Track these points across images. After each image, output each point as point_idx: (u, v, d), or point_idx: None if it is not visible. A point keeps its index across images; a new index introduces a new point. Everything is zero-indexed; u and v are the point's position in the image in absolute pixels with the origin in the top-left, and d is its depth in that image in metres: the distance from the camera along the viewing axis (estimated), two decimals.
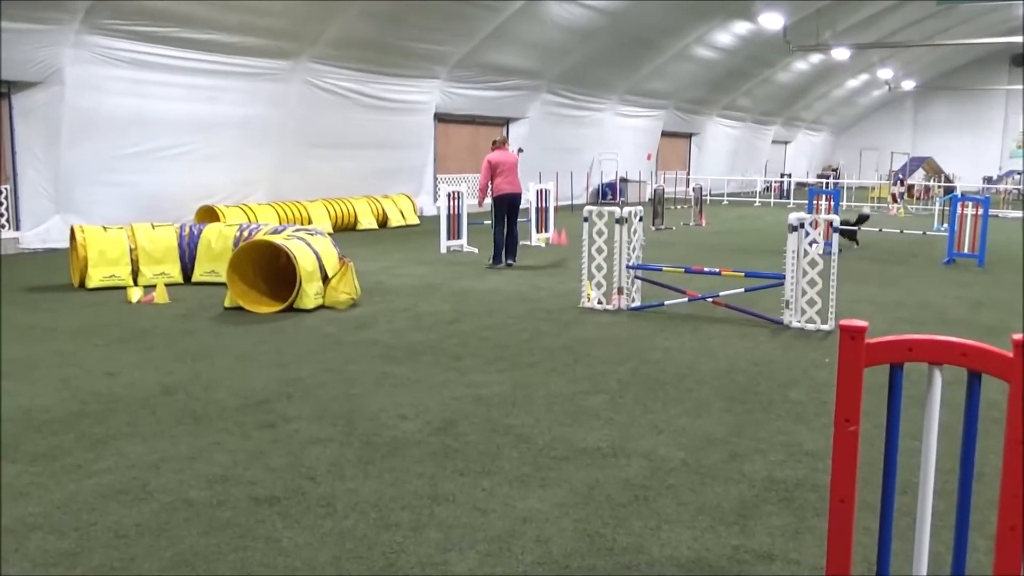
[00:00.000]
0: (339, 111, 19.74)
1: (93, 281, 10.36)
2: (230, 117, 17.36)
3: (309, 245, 9.24)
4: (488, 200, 13.02)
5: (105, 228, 10.83)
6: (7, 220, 14.85)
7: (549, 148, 26.34)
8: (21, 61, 14.00)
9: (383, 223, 19.76)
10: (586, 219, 9.39)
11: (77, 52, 14.58)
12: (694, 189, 22.55)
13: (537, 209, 15.78)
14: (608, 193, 29.39)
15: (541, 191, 15.98)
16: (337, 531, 3.81)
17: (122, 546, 3.65)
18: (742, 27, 27.24)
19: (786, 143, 45.70)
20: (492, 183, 12.59)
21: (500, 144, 12.99)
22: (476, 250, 14.44)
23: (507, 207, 12.66)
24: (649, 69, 28.07)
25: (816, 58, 34.17)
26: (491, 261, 12.85)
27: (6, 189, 14.76)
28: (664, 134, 33.85)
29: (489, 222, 13.66)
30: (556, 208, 16.61)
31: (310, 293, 8.88)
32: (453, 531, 3.81)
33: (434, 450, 4.83)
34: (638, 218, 9.29)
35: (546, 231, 16.04)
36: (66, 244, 12.73)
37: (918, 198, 32.08)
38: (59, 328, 8.22)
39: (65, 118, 14.75)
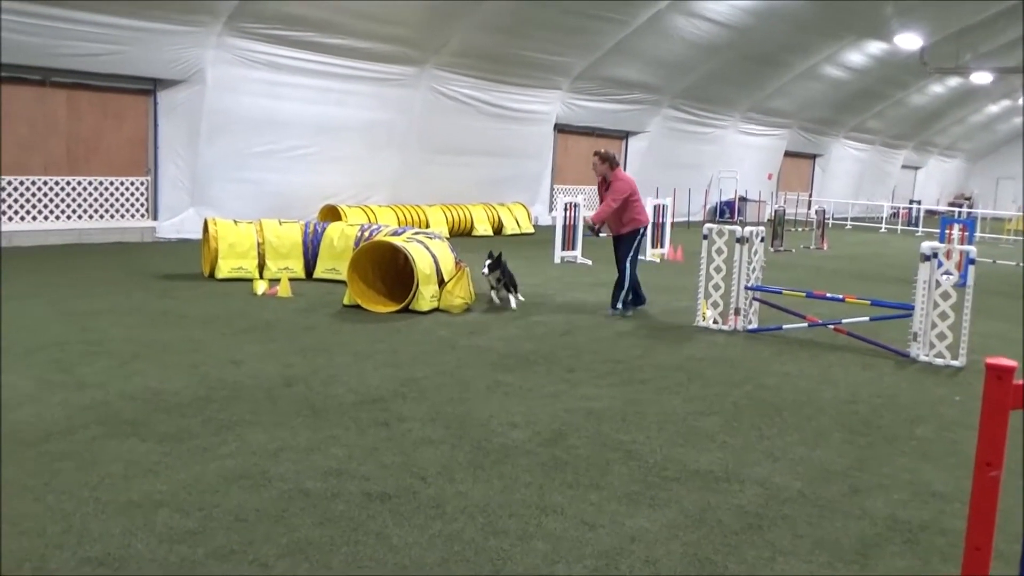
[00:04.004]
0: (461, 118, 20.05)
1: (222, 272, 10.82)
2: (357, 120, 17.87)
3: (427, 248, 9.40)
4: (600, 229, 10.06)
5: (236, 222, 11.31)
6: (147, 210, 15.68)
7: (668, 164, 26.10)
8: (167, 60, 14.78)
9: (498, 230, 19.95)
10: (705, 237, 9.24)
11: (219, 53, 15.30)
12: (816, 211, 21.90)
13: (653, 225, 15.63)
14: (726, 212, 28.87)
15: (659, 207, 15.83)
16: (446, 533, 3.84)
17: (242, 529, 3.78)
18: (876, 47, 26.34)
19: (916, 168, 43.90)
20: (627, 210, 9.71)
21: (617, 163, 10.04)
22: (590, 262, 14.40)
23: (641, 240, 10.10)
24: (774, 87, 27.47)
25: (954, 81, 32.71)
26: (621, 306, 9.83)
27: (148, 181, 15.60)
28: (787, 154, 33.04)
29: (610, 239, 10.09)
30: (672, 224, 16.41)
31: (426, 296, 9.03)
32: (560, 543, 3.79)
33: (543, 460, 4.82)
34: (759, 238, 9.07)
35: (661, 247, 15.86)
36: (199, 235, 13.35)
37: None
38: (190, 315, 8.61)
39: (204, 116, 15.49)
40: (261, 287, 10.10)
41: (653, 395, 6.32)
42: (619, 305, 9.80)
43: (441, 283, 9.29)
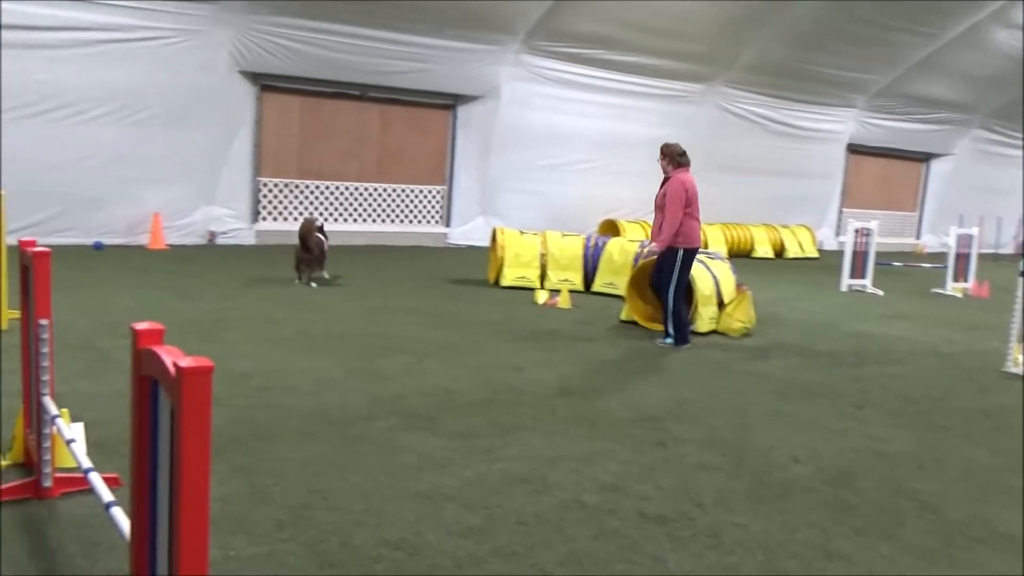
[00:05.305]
0: (747, 136, 19.59)
1: (507, 280, 11.33)
2: (640, 136, 17.96)
3: (708, 269, 9.25)
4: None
5: (521, 233, 11.78)
6: (441, 217, 16.78)
7: (975, 189, 23.84)
8: (468, 77, 15.76)
9: (779, 253, 19.21)
10: (1023, 273, 8.30)
11: (514, 71, 16.07)
12: None
13: (957, 255, 14.32)
14: None
15: (963, 236, 14.48)
16: (723, 565, 3.73)
17: (523, 532, 3.91)
18: None
19: None
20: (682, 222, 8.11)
21: (686, 161, 8.38)
22: (881, 292, 13.46)
23: (692, 261, 8.35)
24: None
25: None
26: (672, 339, 8.32)
27: (443, 190, 16.70)
28: None
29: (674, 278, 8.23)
30: (979, 256, 14.92)
31: (704, 317, 8.88)
32: None
33: (828, 500, 4.55)
34: None
35: (965, 280, 14.49)
36: (486, 243, 14.07)
37: None
38: (476, 320, 9.08)
39: (497, 130, 16.34)
40: (542, 297, 10.44)
41: (954, 442, 5.77)
42: (667, 339, 8.34)
43: (721, 305, 9.09)
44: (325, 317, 8.74)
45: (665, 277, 8.23)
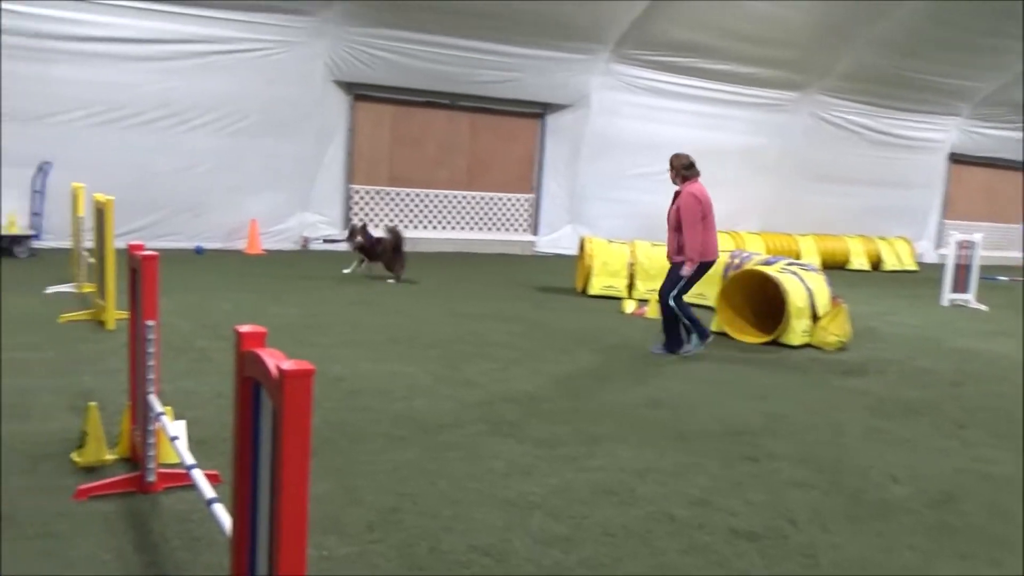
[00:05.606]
0: (843, 145, 19.11)
1: (594, 289, 11.29)
2: (732, 145, 17.70)
3: (802, 281, 9.03)
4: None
5: (610, 241, 11.73)
6: (529, 225, 16.83)
7: None
8: (557, 86, 15.80)
9: (875, 265, 18.63)
10: None
11: (604, 79, 16.04)
12: None
13: None
14: None
15: None
16: None
17: (609, 544, 3.87)
18: None
19: None
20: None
21: (694, 172, 8.11)
22: (985, 307, 12.91)
23: (703, 274, 8.09)
24: None
25: None
26: (697, 342, 8.08)
27: (531, 198, 16.76)
28: None
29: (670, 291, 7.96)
30: None
31: (797, 330, 8.67)
32: None
33: (929, 524, 4.38)
34: None
35: None
36: (573, 251, 14.05)
37: None
38: (562, 328, 9.07)
39: (586, 139, 16.33)
40: (630, 306, 10.37)
41: None
42: (690, 345, 8.02)
43: (815, 318, 8.86)
44: (413, 322, 8.86)
45: (666, 285, 7.90)
